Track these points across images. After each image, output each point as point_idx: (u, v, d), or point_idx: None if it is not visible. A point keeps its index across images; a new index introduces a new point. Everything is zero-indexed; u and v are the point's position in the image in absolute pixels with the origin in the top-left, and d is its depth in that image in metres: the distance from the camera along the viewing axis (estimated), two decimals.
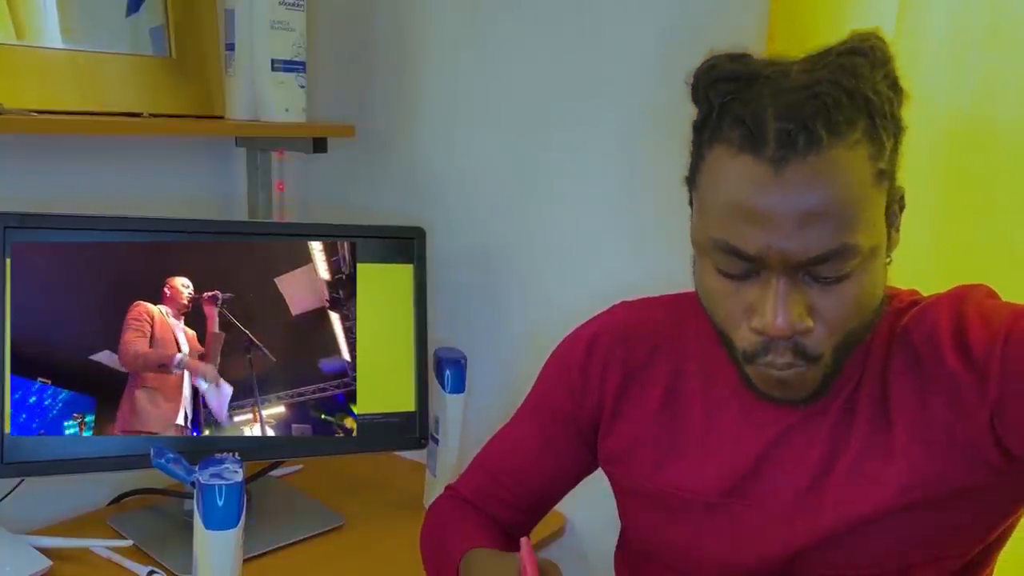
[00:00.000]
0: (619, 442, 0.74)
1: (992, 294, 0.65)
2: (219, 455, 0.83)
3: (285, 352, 1.05)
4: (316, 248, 1.05)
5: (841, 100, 0.56)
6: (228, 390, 1.02)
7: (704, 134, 0.61)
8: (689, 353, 0.72)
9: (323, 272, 1.06)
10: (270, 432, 1.04)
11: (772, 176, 0.56)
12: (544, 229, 1.15)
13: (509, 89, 1.16)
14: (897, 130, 0.60)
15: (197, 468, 0.80)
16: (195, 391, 1.01)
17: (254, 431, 1.03)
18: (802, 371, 0.60)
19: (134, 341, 0.98)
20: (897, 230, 0.63)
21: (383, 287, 1.10)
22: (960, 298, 0.64)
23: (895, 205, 0.62)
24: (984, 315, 0.62)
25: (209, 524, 0.78)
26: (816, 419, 0.65)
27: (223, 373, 1.02)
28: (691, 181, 0.64)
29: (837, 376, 0.63)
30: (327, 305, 1.06)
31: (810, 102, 0.55)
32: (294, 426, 1.05)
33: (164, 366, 0.99)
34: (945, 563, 0.65)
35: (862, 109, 0.57)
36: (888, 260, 0.63)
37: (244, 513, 0.80)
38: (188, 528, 0.82)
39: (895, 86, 0.60)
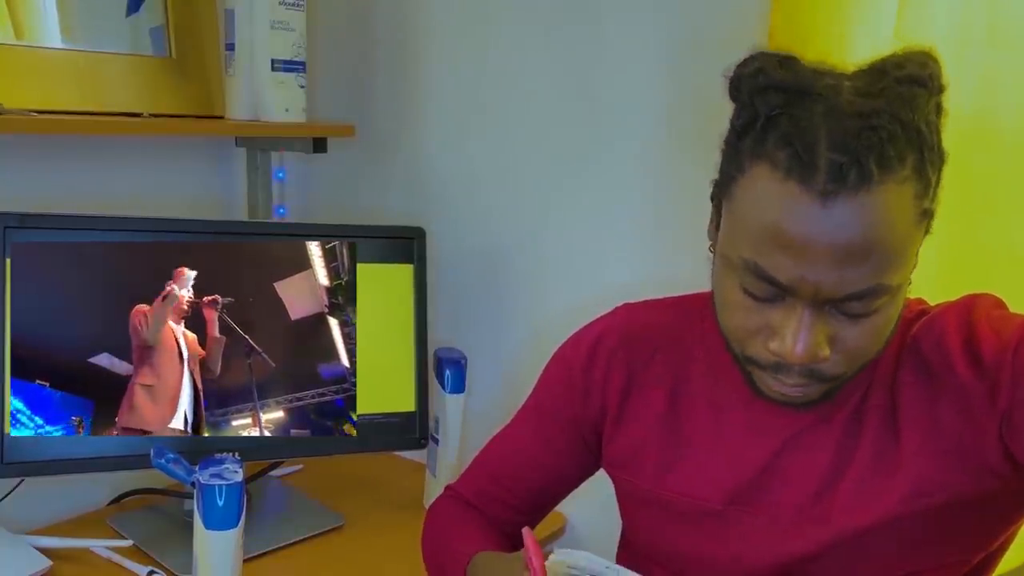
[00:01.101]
0: (623, 446, 0.74)
1: (1000, 304, 0.65)
2: (219, 455, 0.83)
3: (284, 357, 1.05)
4: (315, 253, 1.05)
5: (896, 133, 0.54)
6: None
7: (745, 143, 0.58)
8: (693, 355, 0.72)
9: (322, 277, 1.06)
10: (267, 435, 1.04)
11: (818, 209, 0.54)
12: (544, 229, 1.15)
13: (509, 89, 1.16)
14: (941, 162, 0.59)
15: (197, 468, 0.80)
16: (195, 392, 1.01)
17: (252, 435, 1.03)
18: (814, 388, 0.60)
19: (153, 315, 0.98)
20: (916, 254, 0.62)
21: (383, 287, 1.10)
22: (969, 307, 0.64)
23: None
24: (994, 324, 0.62)
25: (209, 524, 0.78)
26: (822, 428, 0.65)
27: (223, 377, 1.02)
28: (723, 188, 0.61)
29: (843, 386, 0.62)
30: (326, 310, 1.06)
31: (866, 134, 0.53)
32: (293, 431, 1.05)
33: (166, 297, 0.98)
34: (948, 571, 0.65)
35: (914, 143, 0.55)
36: (908, 283, 0.61)
37: (244, 513, 0.80)
38: (188, 528, 0.82)
39: (940, 109, 0.59)
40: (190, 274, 1.00)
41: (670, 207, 1.04)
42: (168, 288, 0.99)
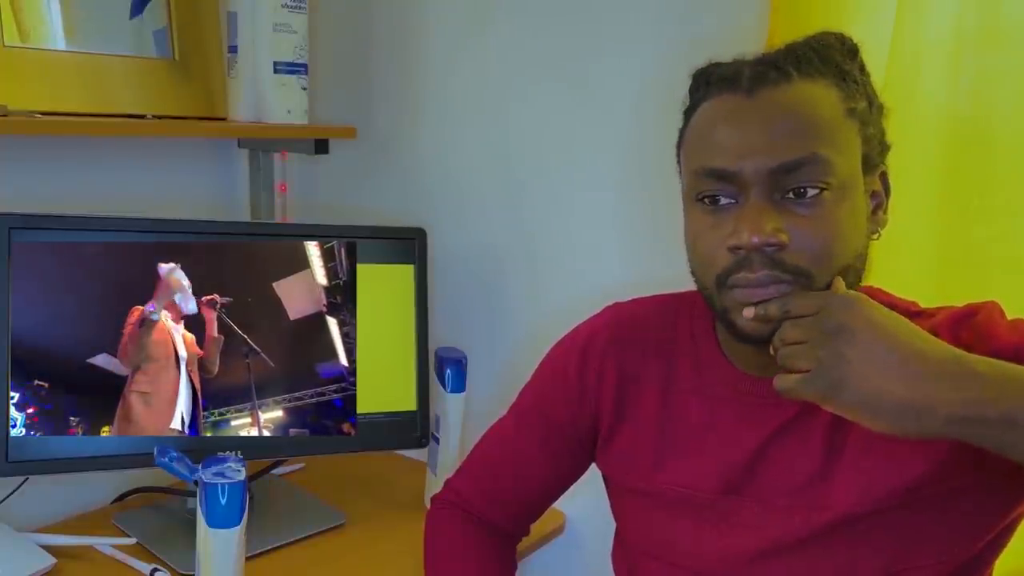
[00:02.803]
0: (619, 444, 0.75)
1: (1002, 312, 0.66)
2: (221, 454, 0.84)
3: (283, 357, 1.05)
4: (314, 254, 1.06)
5: (810, 56, 0.62)
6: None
7: (691, 106, 0.67)
8: (682, 350, 0.73)
9: (320, 277, 1.06)
10: (266, 435, 1.04)
11: (746, 100, 0.62)
12: (544, 229, 1.16)
13: (509, 90, 1.16)
14: (871, 99, 0.64)
15: (200, 467, 0.81)
16: (193, 393, 1.01)
17: (252, 435, 1.04)
18: (785, 288, 0.60)
19: (132, 341, 0.98)
20: (885, 211, 0.66)
21: (384, 287, 1.10)
22: (972, 312, 0.65)
23: (876, 165, 0.65)
24: (1007, 324, 0.63)
25: (212, 522, 0.79)
26: (811, 417, 0.66)
27: (222, 377, 1.02)
28: (679, 143, 0.69)
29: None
30: (324, 310, 1.07)
31: (782, 51, 0.63)
32: (292, 430, 1.05)
33: (143, 324, 0.98)
34: (939, 567, 0.65)
35: (831, 67, 0.63)
36: (876, 235, 0.65)
37: (246, 512, 0.81)
38: (191, 526, 0.83)
39: (864, 71, 0.65)
40: (178, 278, 0.99)
41: (668, 207, 1.05)
42: (141, 312, 0.98)
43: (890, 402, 0.53)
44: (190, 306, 1.00)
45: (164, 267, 0.98)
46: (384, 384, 1.10)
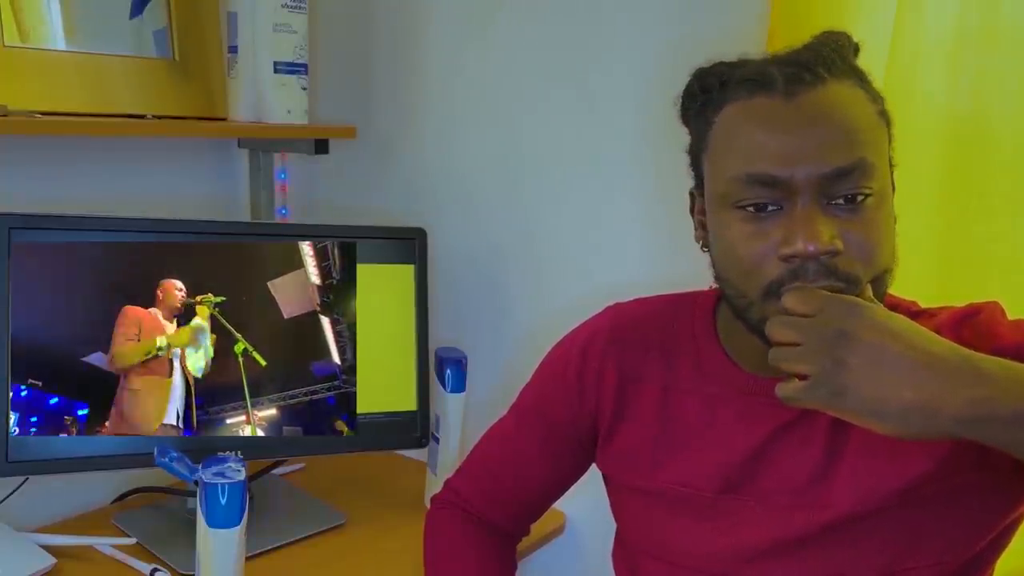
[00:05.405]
0: (619, 444, 0.75)
1: (1004, 312, 0.66)
2: (222, 454, 0.84)
3: (277, 355, 1.05)
4: (307, 252, 1.06)
5: (834, 59, 0.62)
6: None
7: (708, 107, 0.64)
8: (683, 350, 0.73)
9: (314, 276, 1.06)
10: (261, 434, 1.05)
11: (785, 104, 0.60)
12: (544, 228, 1.16)
13: (510, 89, 1.16)
14: (882, 100, 0.65)
15: (200, 467, 0.81)
16: (187, 389, 1.01)
17: (245, 433, 1.04)
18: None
19: (123, 346, 0.98)
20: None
21: (384, 287, 1.10)
22: (974, 312, 0.65)
23: (894, 165, 0.65)
24: (1008, 324, 0.63)
25: (212, 523, 0.79)
26: (812, 416, 0.66)
27: (216, 375, 1.03)
28: (698, 153, 0.66)
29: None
30: (318, 309, 1.07)
31: (806, 53, 0.62)
32: (285, 428, 1.05)
33: (148, 353, 0.99)
34: (940, 567, 0.65)
35: (852, 68, 0.63)
36: (891, 195, 0.64)
37: (246, 512, 0.81)
38: (191, 526, 0.83)
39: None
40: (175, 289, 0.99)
41: (669, 207, 1.05)
42: (136, 336, 0.98)
43: (897, 405, 0.53)
44: (199, 365, 1.00)
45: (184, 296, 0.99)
46: (384, 384, 1.10)
